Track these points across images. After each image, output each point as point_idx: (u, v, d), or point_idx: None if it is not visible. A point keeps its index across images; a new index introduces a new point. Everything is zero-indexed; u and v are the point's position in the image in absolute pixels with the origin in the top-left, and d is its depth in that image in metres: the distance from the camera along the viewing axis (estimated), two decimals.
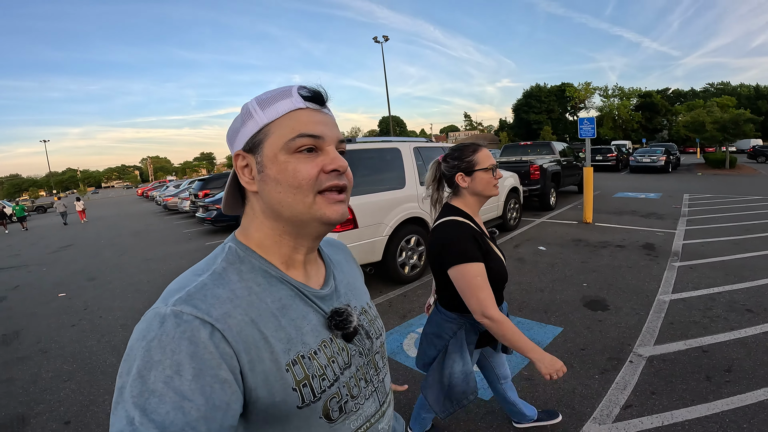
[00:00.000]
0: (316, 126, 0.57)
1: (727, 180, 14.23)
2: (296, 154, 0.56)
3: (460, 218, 1.42)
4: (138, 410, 0.41)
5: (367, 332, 0.67)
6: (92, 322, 4.30)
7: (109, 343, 3.69)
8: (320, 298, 0.62)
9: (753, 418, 2.01)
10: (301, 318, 0.58)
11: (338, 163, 0.57)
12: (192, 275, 0.55)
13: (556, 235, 6.23)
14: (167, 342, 0.45)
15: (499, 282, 1.46)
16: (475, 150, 1.47)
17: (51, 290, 5.90)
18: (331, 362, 0.58)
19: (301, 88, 0.59)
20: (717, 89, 52.80)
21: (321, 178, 0.57)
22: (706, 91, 52.71)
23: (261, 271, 0.58)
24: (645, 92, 48.43)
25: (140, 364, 0.44)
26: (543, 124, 48.45)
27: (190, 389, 0.43)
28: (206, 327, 0.47)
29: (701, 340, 2.79)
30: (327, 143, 0.58)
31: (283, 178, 0.56)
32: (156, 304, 0.51)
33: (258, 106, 0.58)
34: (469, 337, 1.51)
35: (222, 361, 0.47)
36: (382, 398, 0.68)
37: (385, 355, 0.72)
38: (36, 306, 5.16)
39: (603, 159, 19.77)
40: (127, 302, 4.94)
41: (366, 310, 0.71)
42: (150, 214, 17.63)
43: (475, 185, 1.45)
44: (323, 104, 0.60)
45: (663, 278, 4.03)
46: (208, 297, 0.50)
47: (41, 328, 4.29)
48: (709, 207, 8.24)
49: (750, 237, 5.52)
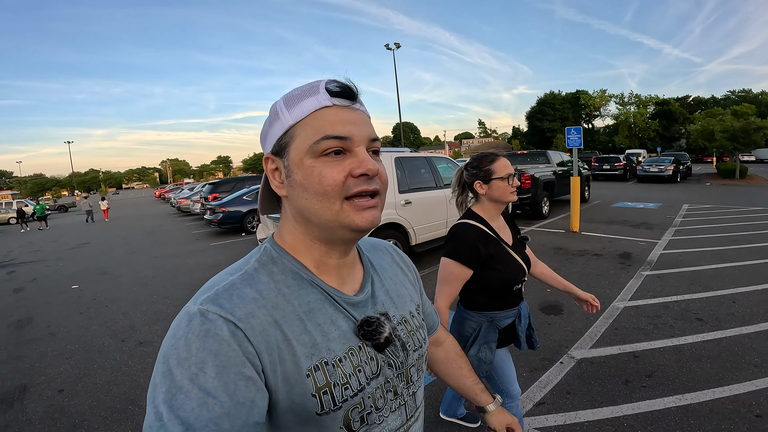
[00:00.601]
0: (344, 126, 0.54)
1: (734, 190, 14.09)
2: (322, 158, 0.53)
3: (472, 221, 1.54)
4: (166, 406, 0.43)
5: (404, 344, 0.64)
6: (98, 311, 4.73)
7: (110, 329, 4.10)
8: (352, 305, 0.60)
9: (651, 424, 2.12)
10: (329, 323, 0.56)
11: (367, 166, 0.53)
12: (225, 274, 0.56)
13: (538, 243, 6.43)
14: (193, 340, 0.46)
15: (507, 284, 1.54)
16: (493, 160, 1.55)
17: (65, 282, 6.40)
18: (357, 371, 0.56)
19: (330, 82, 0.56)
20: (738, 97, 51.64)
21: (349, 183, 0.53)
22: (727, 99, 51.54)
23: (292, 273, 0.57)
24: (662, 100, 47.68)
25: (169, 362, 0.45)
26: (556, 131, 48.07)
27: (213, 386, 0.44)
28: (229, 325, 0.48)
29: (636, 346, 2.96)
30: (356, 144, 0.54)
31: (309, 184, 0.53)
32: (188, 302, 0.52)
33: (284, 106, 0.56)
34: (489, 334, 1.58)
35: (246, 359, 0.47)
36: (410, 413, 0.64)
37: (422, 368, 0.69)
38: (50, 296, 5.64)
39: (611, 168, 19.68)
40: (132, 295, 5.36)
41: (407, 320, 0.67)
42: (164, 216, 18.33)
43: (492, 192, 1.54)
44: (354, 99, 0.57)
45: (626, 286, 4.22)
46: (234, 297, 0.51)
47: (52, 315, 4.74)
48: (704, 217, 8.29)
49: (733, 248, 5.63)
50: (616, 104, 48.24)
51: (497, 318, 1.59)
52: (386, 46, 29.00)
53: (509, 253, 1.54)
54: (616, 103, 48.21)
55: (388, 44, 29.05)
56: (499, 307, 1.58)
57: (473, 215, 1.57)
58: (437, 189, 5.45)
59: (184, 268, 6.81)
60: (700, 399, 2.31)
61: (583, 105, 49.09)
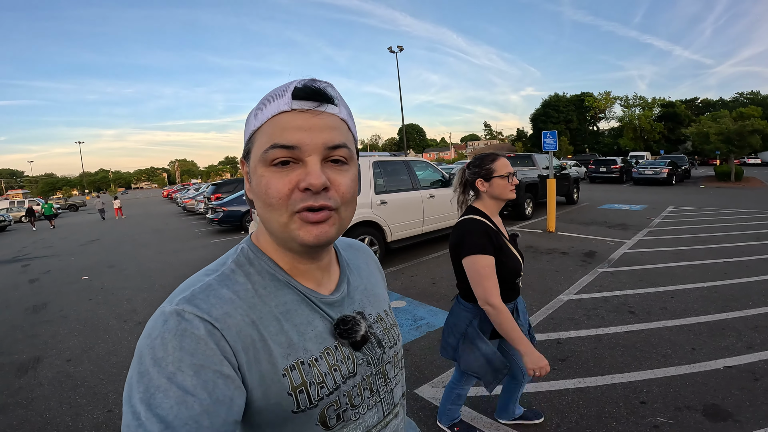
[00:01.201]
0: (294, 133, 0.50)
1: (726, 193, 14.29)
2: (271, 168, 0.51)
3: (477, 216, 1.60)
4: (144, 405, 0.42)
5: (380, 341, 0.64)
6: (105, 298, 5.27)
7: (114, 311, 4.64)
8: (328, 305, 0.60)
9: (547, 401, 2.35)
10: (305, 324, 0.56)
11: (309, 180, 0.50)
12: (202, 275, 0.55)
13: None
14: (169, 339, 0.45)
15: (511, 275, 1.61)
16: (494, 159, 1.65)
17: (76, 274, 6.96)
18: (333, 370, 0.56)
19: (303, 81, 0.53)
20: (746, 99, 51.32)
21: (294, 196, 0.51)
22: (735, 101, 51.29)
23: (269, 274, 0.57)
24: (668, 102, 47.59)
25: (146, 361, 0.45)
26: (561, 134, 48.22)
27: (192, 384, 0.44)
28: (206, 325, 0.47)
29: (563, 334, 3.26)
30: (306, 153, 0.51)
31: (259, 194, 0.53)
32: (163, 303, 0.51)
33: (255, 109, 0.55)
34: (483, 326, 1.63)
35: (223, 358, 0.47)
36: (387, 409, 0.65)
37: (398, 365, 0.69)
38: (62, 286, 6.20)
39: (607, 171, 19.95)
40: (136, 284, 5.91)
41: (382, 318, 0.68)
42: (170, 215, 18.96)
43: (493, 190, 1.62)
44: (318, 101, 0.52)
45: (578, 281, 4.60)
46: (211, 297, 0.51)
47: (64, 301, 5.29)
48: (683, 219, 8.60)
49: (694, 248, 5.95)
50: (621, 106, 48.31)
51: None
52: (389, 49, 29.19)
53: (509, 246, 1.62)
54: (621, 105, 48.26)
55: (391, 47, 29.20)
56: None
57: (476, 211, 1.64)
58: (414, 190, 5.92)
59: (185, 262, 7.34)
60: (598, 383, 2.54)
61: (588, 107, 49.14)
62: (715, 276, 4.57)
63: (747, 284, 4.23)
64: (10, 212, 23.18)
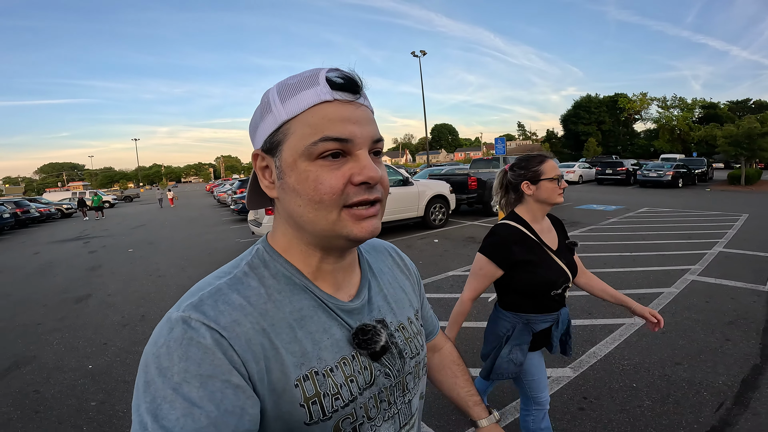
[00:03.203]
0: (345, 126, 0.48)
1: (723, 196, 14.31)
2: (319, 161, 0.48)
3: (513, 223, 1.52)
4: (150, 416, 0.42)
5: (401, 351, 0.61)
6: (143, 264, 7.28)
7: (145, 270, 6.64)
8: (347, 312, 0.57)
9: None
10: (321, 332, 0.53)
11: (368, 173, 0.48)
12: (213, 278, 0.53)
13: (461, 234, 8.15)
14: (174, 348, 0.44)
15: (544, 287, 1.49)
16: (542, 161, 1.53)
17: (124, 248, 9.17)
18: (349, 381, 0.53)
19: (332, 71, 0.50)
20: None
21: (348, 191, 0.49)
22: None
23: (285, 277, 0.54)
24: (709, 103, 45.63)
25: (151, 370, 0.44)
26: (591, 135, 47.41)
27: (198, 396, 0.42)
28: (213, 333, 0.45)
29: (436, 294, 4.77)
30: (357, 147, 0.49)
31: (303, 190, 0.49)
32: (171, 309, 0.49)
33: (278, 97, 0.50)
34: (522, 336, 1.55)
35: (232, 368, 0.45)
36: (403, 420, 0.62)
37: (419, 375, 0.66)
38: (113, 255, 8.37)
39: (613, 173, 20.33)
40: (165, 254, 7.97)
41: (405, 327, 0.64)
42: (207, 206, 21.51)
43: (540, 193, 1.52)
44: (358, 93, 0.51)
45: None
46: (219, 303, 0.48)
47: (113, 264, 7.39)
48: (637, 219, 9.31)
49: (609, 243, 6.96)
50: (658, 107, 46.77)
51: (533, 321, 1.55)
52: (413, 53, 30.02)
53: (550, 256, 1.51)
54: (659, 106, 46.70)
55: (414, 51, 29.99)
56: (536, 311, 1.55)
57: (515, 217, 1.56)
58: None
59: (204, 239, 9.37)
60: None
61: (621, 108, 47.97)
62: (594, 264, 5.63)
63: (612, 273, 5.41)
64: (73, 201, 26.80)
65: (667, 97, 46.13)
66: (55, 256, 9.01)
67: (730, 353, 2.92)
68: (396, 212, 7.84)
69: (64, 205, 23.45)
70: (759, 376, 2.62)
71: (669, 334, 3.24)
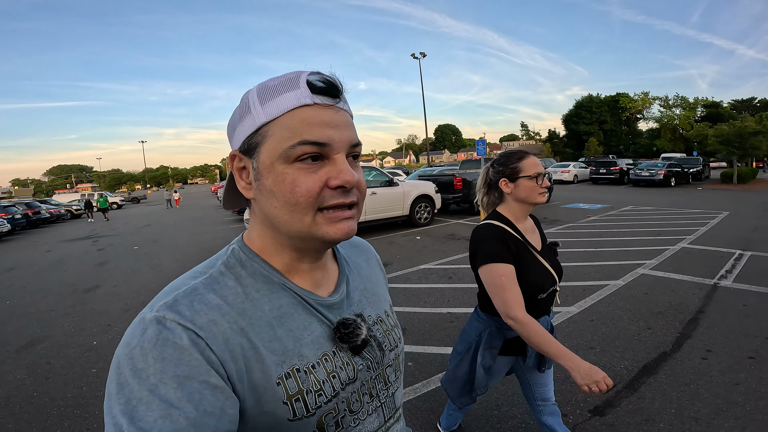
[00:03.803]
0: (324, 130, 0.49)
1: (715, 194, 14.41)
2: (296, 164, 0.49)
3: (496, 222, 1.45)
4: (126, 418, 0.41)
5: (380, 344, 0.62)
6: (146, 259, 7.87)
7: (148, 264, 7.25)
8: (327, 307, 0.57)
9: None
10: (302, 328, 0.53)
11: (345, 177, 0.49)
12: (188, 278, 0.52)
13: (443, 231, 8.61)
14: (149, 350, 0.43)
15: (531, 290, 1.42)
16: (521, 157, 1.47)
17: (130, 245, 9.80)
18: (331, 377, 0.53)
19: (313, 74, 0.51)
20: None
21: (324, 194, 0.49)
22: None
23: (262, 276, 0.54)
24: (711, 102, 45.56)
25: (125, 372, 0.43)
26: (593, 134, 47.54)
27: (176, 397, 0.42)
28: (190, 334, 0.45)
29: (406, 285, 5.28)
30: (335, 151, 0.50)
31: (280, 192, 0.49)
32: (144, 309, 0.48)
33: (258, 99, 0.51)
34: (492, 341, 1.50)
35: (210, 368, 0.44)
36: (388, 414, 0.63)
37: (399, 368, 0.67)
38: (120, 252, 8.98)
39: (607, 172, 20.65)
40: (168, 252, 8.54)
41: (382, 320, 0.66)
42: (210, 207, 22.14)
43: (519, 192, 1.45)
44: (337, 97, 0.51)
45: (447, 258, 6.32)
46: (195, 303, 0.48)
47: (119, 260, 7.99)
48: (623, 218, 9.53)
49: (582, 240, 7.37)
50: (660, 107, 46.77)
51: (505, 326, 1.45)
52: (412, 55, 30.09)
53: (536, 258, 1.45)
54: (661, 105, 46.70)
55: (414, 53, 30.10)
56: None
57: (498, 216, 1.49)
58: None
59: (205, 238, 9.93)
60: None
61: (623, 108, 48.04)
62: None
63: (569, 267, 5.84)
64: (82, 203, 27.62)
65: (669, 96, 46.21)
66: (65, 253, 9.64)
67: (645, 341, 3.10)
68: (382, 211, 8.35)
69: (73, 207, 24.27)
70: (662, 363, 2.77)
71: (596, 322, 3.50)
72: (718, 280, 4.46)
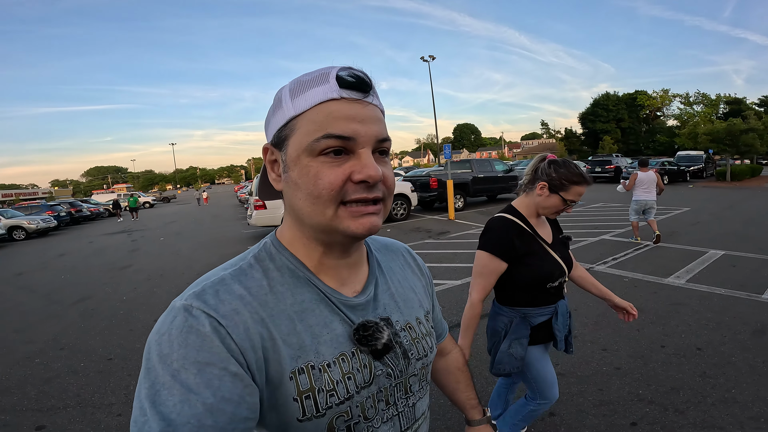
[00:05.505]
0: (348, 124, 0.49)
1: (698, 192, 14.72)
2: (320, 157, 0.49)
3: (510, 216, 1.52)
4: (149, 402, 0.43)
5: (405, 351, 0.60)
6: (170, 248, 9.73)
7: (170, 251, 9.09)
8: (351, 307, 0.57)
9: None
10: (322, 325, 0.54)
11: (368, 172, 0.49)
12: (220, 269, 0.54)
13: (412, 225, 9.93)
14: (175, 336, 0.45)
15: (541, 281, 1.50)
16: (576, 182, 1.46)
17: (157, 237, 11.83)
18: (346, 379, 0.53)
19: (343, 69, 0.51)
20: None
21: (347, 188, 0.50)
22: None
23: (289, 270, 0.55)
24: (733, 99, 44.54)
25: (152, 357, 0.45)
26: (610, 132, 47.26)
27: (195, 383, 0.43)
28: (212, 322, 0.46)
29: None
30: (360, 145, 0.50)
31: (303, 184, 0.50)
32: (176, 298, 0.51)
33: (289, 93, 0.52)
34: (520, 330, 1.55)
35: (230, 356, 0.46)
36: (406, 424, 0.61)
37: (425, 379, 0.65)
38: (148, 242, 10.96)
39: (602, 171, 21.27)
40: (188, 243, 10.38)
41: (412, 326, 0.64)
42: (231, 206, 24.28)
43: (544, 201, 1.49)
44: (366, 92, 0.52)
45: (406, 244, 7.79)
46: (221, 293, 0.50)
47: (148, 248, 9.92)
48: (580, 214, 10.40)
49: None
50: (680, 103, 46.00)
51: (530, 314, 1.56)
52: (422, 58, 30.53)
53: (546, 250, 1.52)
54: (681, 102, 45.92)
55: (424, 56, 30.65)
56: (532, 304, 1.55)
57: (512, 210, 1.55)
58: None
59: (219, 230, 11.83)
60: None
61: (641, 105, 47.54)
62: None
63: None
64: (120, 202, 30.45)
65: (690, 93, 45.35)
66: (105, 243, 11.70)
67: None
68: None
69: (110, 206, 26.95)
70: None
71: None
72: (597, 265, 5.27)
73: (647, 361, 2.90)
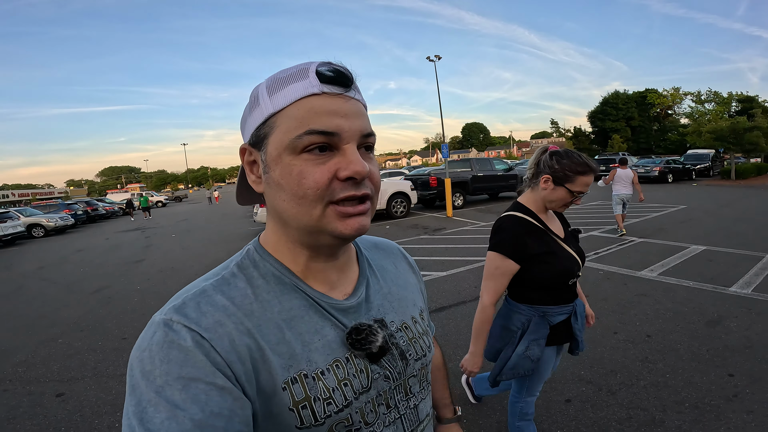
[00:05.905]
0: (331, 119, 0.47)
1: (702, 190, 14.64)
2: (304, 155, 0.47)
3: (520, 214, 1.47)
4: (136, 419, 0.42)
5: (403, 353, 0.58)
6: (180, 242, 10.32)
7: (180, 246, 9.64)
8: (341, 311, 0.55)
9: None
10: (312, 332, 0.52)
11: (355, 168, 0.47)
12: (201, 280, 0.53)
13: (411, 222, 10.25)
14: (156, 352, 0.44)
15: (561, 277, 1.45)
16: (580, 171, 1.41)
17: (168, 234, 12.42)
18: (342, 385, 0.51)
19: (323, 64, 0.49)
20: None
21: (334, 186, 0.47)
22: None
23: (274, 277, 0.53)
24: (746, 97, 43.83)
25: (135, 374, 0.44)
26: (620, 131, 46.91)
27: (181, 399, 0.42)
28: (194, 335, 0.45)
29: None
30: (345, 141, 0.48)
31: (287, 184, 0.48)
32: (156, 313, 0.49)
33: (266, 90, 0.50)
34: (539, 330, 1.49)
35: (215, 369, 0.44)
36: (410, 427, 0.59)
37: (425, 379, 0.64)
38: (161, 239, 11.53)
39: (605, 170, 21.33)
40: (196, 238, 10.96)
41: (408, 326, 0.62)
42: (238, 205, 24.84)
43: (551, 195, 1.44)
44: (348, 87, 0.49)
45: (401, 239, 8.10)
46: (202, 305, 0.48)
47: (161, 243, 10.49)
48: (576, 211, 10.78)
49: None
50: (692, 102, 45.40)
51: (550, 313, 1.50)
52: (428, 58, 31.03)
53: (561, 245, 1.47)
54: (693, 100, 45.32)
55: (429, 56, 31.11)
56: (554, 302, 1.49)
57: (521, 207, 1.50)
58: None
59: (226, 227, 12.37)
60: None
61: (651, 104, 47.07)
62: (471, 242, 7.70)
63: None
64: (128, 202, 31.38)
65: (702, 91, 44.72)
66: (120, 240, 12.30)
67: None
68: None
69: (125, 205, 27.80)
70: None
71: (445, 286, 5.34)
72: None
73: (597, 345, 3.06)
